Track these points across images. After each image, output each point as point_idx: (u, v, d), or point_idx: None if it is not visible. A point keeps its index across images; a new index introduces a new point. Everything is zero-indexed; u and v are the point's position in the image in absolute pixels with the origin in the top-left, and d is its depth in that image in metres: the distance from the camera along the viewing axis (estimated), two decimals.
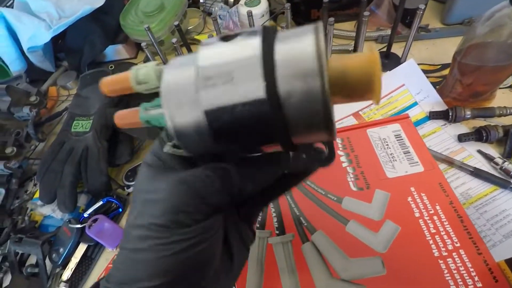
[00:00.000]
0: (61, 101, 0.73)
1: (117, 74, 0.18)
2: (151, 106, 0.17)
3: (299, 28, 0.15)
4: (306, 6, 0.67)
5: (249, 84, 0.14)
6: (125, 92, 0.18)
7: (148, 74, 0.17)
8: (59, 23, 0.61)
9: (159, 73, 0.17)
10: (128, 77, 0.17)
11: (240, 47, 0.15)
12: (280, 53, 0.14)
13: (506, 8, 0.38)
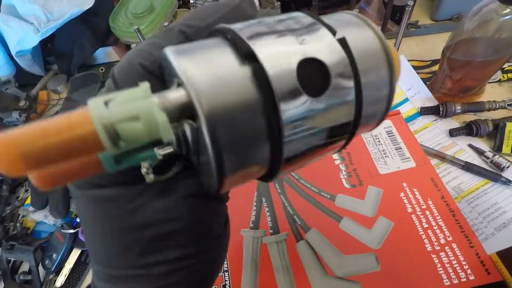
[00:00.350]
0: (51, 105, 0.72)
1: (48, 120, 0.10)
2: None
3: (355, 25, 0.14)
4: (296, 4, 0.67)
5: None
6: (74, 157, 0.10)
7: (141, 108, 0.10)
8: (47, 26, 0.60)
9: (165, 104, 0.11)
10: (90, 130, 0.10)
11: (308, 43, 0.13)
12: (357, 56, 0.13)
13: (492, 3, 0.39)
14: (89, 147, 0.10)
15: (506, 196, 0.42)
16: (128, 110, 0.10)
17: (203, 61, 0.11)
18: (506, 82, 0.53)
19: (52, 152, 0.09)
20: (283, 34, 0.12)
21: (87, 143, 0.10)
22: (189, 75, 0.11)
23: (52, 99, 0.73)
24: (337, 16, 0.14)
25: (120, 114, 0.10)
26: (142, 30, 0.62)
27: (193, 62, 0.11)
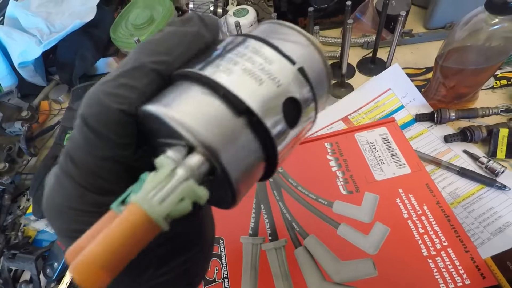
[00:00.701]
0: (53, 115, 0.73)
1: (116, 226, 0.11)
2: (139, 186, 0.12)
3: (294, 40, 0.17)
4: (293, 14, 0.69)
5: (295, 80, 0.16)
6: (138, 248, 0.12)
7: (189, 194, 0.12)
8: (49, 38, 0.62)
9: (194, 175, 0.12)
10: (143, 220, 0.11)
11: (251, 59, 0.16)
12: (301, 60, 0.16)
13: (481, 13, 0.40)
14: (151, 234, 0.12)
15: (501, 201, 0.43)
16: (175, 198, 0.12)
17: (204, 120, 0.12)
18: (499, 89, 0.54)
19: (123, 254, 0.11)
20: (262, 81, 0.14)
21: (150, 234, 0.11)
22: (203, 140, 0.12)
23: (54, 109, 0.74)
24: (286, 36, 0.16)
25: (171, 205, 0.11)
26: (143, 40, 0.64)
27: (197, 123, 0.12)
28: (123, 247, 0.11)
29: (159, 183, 0.12)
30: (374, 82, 0.56)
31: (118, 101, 0.13)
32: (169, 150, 0.13)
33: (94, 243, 0.11)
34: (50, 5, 0.70)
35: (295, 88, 0.15)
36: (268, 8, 0.76)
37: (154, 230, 0.11)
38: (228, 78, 0.13)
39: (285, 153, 0.15)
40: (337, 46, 0.67)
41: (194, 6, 0.75)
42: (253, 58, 0.14)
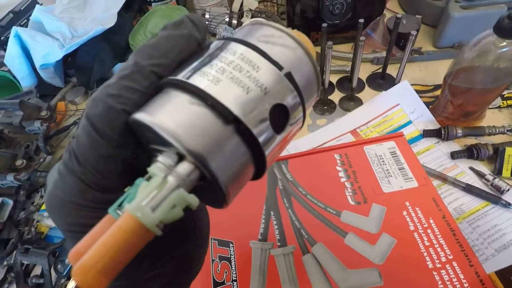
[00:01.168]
0: (69, 115, 0.75)
1: (111, 235, 0.12)
2: (133, 195, 0.13)
3: (283, 44, 0.17)
4: (305, 29, 0.71)
5: (283, 89, 0.16)
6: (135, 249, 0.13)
7: (179, 201, 0.13)
8: (71, 42, 0.64)
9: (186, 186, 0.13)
10: (138, 227, 0.12)
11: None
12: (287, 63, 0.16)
13: (490, 36, 0.42)
14: (145, 240, 0.13)
15: (506, 219, 0.44)
16: (167, 206, 0.12)
17: (192, 129, 0.13)
18: (505, 109, 0.55)
19: (119, 259, 0.12)
20: (249, 89, 0.14)
21: (144, 240, 0.12)
22: (191, 149, 0.13)
23: (70, 110, 0.76)
24: (274, 39, 0.16)
25: (163, 213, 0.12)
26: None
27: (186, 132, 0.13)
28: (118, 253, 0.12)
29: (151, 191, 0.12)
30: (383, 97, 0.58)
31: (121, 101, 0.14)
32: (161, 156, 0.14)
33: (92, 249, 0.12)
34: (73, 11, 0.73)
35: (282, 95, 0.15)
36: (281, 22, 0.79)
37: (148, 236, 0.12)
38: (215, 88, 0.14)
39: (273, 155, 0.16)
40: (347, 60, 0.69)
41: (210, 16, 0.78)
42: (240, 65, 0.15)
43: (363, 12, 0.67)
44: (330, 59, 0.51)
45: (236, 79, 0.14)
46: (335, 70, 0.67)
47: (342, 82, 0.66)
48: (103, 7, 0.72)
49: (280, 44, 0.16)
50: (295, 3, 0.67)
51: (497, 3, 0.59)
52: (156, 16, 0.73)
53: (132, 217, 0.12)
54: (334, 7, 0.66)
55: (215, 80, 0.14)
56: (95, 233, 0.13)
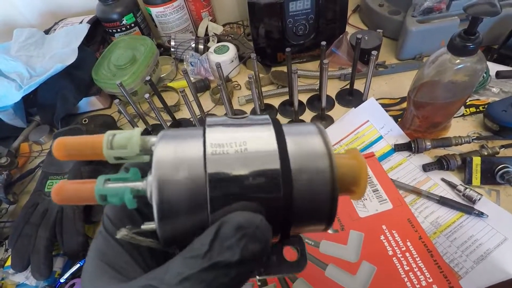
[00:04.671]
0: (33, 157, 0.71)
1: (83, 136, 0.16)
2: (115, 178, 0.16)
3: (303, 126, 0.17)
4: (271, 50, 0.71)
5: (264, 157, 0.15)
6: (88, 158, 0.16)
7: (130, 139, 0.16)
8: (30, 83, 0.62)
9: (143, 142, 0.16)
10: (101, 140, 0.16)
11: (252, 131, 0.16)
12: (292, 148, 0.16)
13: (445, 53, 0.43)
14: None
15: (480, 228, 0.44)
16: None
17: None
18: (469, 116, 0.57)
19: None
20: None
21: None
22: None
23: (34, 151, 0.72)
24: (300, 127, 0.17)
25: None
26: (125, 81, 0.64)
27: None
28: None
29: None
30: (353, 115, 0.58)
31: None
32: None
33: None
34: (31, 48, 0.70)
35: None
36: (248, 43, 0.79)
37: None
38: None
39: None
40: (315, 79, 0.70)
41: (176, 43, 0.77)
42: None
43: (326, 31, 0.68)
44: (296, 83, 0.51)
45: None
46: (304, 89, 0.67)
47: (312, 101, 0.66)
48: (62, 43, 0.69)
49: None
50: (258, 25, 0.67)
51: (450, 16, 0.62)
52: (119, 47, 0.72)
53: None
54: (297, 29, 0.66)
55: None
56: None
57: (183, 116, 0.70)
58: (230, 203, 0.15)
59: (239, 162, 0.15)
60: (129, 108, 0.71)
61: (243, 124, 0.16)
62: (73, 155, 0.16)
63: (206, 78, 0.73)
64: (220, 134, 0.16)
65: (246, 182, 0.15)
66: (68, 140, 0.16)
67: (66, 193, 0.16)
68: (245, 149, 0.15)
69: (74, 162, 0.54)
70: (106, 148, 0.16)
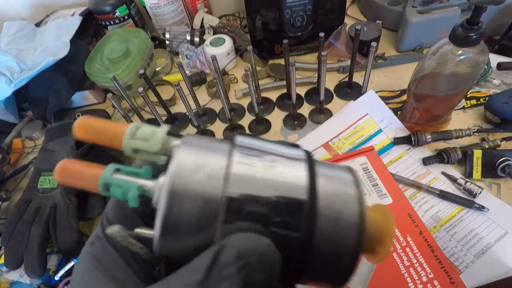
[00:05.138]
0: (26, 153, 0.70)
1: (108, 120, 0.16)
2: (126, 171, 0.15)
3: (337, 167, 0.16)
4: (269, 42, 0.70)
5: (292, 186, 0.14)
6: (104, 143, 0.15)
7: (154, 134, 0.15)
8: (20, 77, 0.60)
9: (166, 141, 0.15)
10: (124, 129, 0.15)
11: (282, 159, 0.15)
12: (323, 184, 0.14)
13: (447, 44, 0.42)
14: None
15: (481, 222, 0.44)
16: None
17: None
18: (469, 109, 0.56)
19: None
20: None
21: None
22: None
23: (27, 147, 0.71)
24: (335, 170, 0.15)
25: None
26: (119, 75, 0.63)
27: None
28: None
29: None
30: (352, 108, 0.57)
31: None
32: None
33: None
34: (21, 41, 0.68)
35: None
36: (245, 35, 0.77)
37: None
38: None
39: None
40: (313, 71, 0.68)
41: (171, 36, 0.76)
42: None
43: (324, 22, 0.66)
44: (294, 76, 0.50)
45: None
46: (302, 82, 0.66)
47: (311, 94, 0.65)
48: (54, 36, 0.68)
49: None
50: (255, 16, 0.65)
51: (451, 6, 0.61)
52: (112, 40, 0.70)
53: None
54: (295, 20, 0.65)
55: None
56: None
57: (179, 111, 0.69)
58: (247, 222, 0.13)
59: (263, 187, 0.14)
60: (123, 102, 0.69)
61: (274, 149, 0.15)
62: (91, 137, 0.15)
63: (202, 71, 0.71)
64: (248, 156, 0.15)
65: (267, 208, 0.13)
66: (92, 121, 0.15)
67: (69, 173, 0.15)
68: (272, 174, 0.14)
69: (67, 158, 0.52)
70: (129, 137, 0.15)
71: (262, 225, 0.13)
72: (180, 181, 0.13)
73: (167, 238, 0.13)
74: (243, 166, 0.14)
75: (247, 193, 0.13)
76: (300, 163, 0.15)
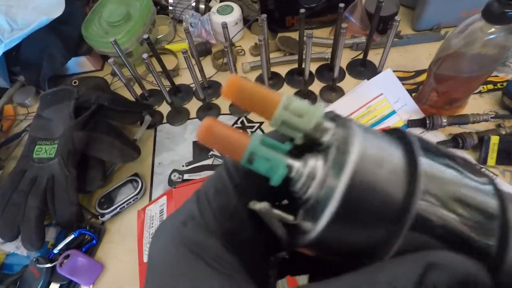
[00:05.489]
0: (19, 120, 0.66)
1: (262, 86, 0.14)
2: (269, 144, 0.14)
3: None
4: (280, 13, 0.66)
5: (484, 202, 0.13)
6: (253, 109, 0.14)
7: (311, 110, 0.13)
8: (11, 37, 0.55)
9: (320, 120, 0.14)
10: (279, 99, 0.14)
11: (470, 176, 0.13)
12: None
13: (478, 21, 0.39)
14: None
15: None
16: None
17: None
18: (486, 93, 0.55)
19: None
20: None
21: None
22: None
23: (20, 114, 0.67)
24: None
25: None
26: (119, 40, 0.58)
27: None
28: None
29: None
30: (366, 87, 0.55)
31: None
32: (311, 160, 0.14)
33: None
34: None
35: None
36: (253, 5, 0.73)
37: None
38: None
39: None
40: (326, 47, 0.65)
41: (175, 2, 0.70)
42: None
43: None
44: (310, 49, 0.47)
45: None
46: (314, 58, 0.63)
47: (322, 71, 0.62)
48: None
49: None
50: None
51: None
52: (111, 2, 0.65)
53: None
54: None
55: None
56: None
57: (182, 82, 0.65)
58: (431, 236, 0.12)
59: (454, 197, 0.12)
60: (123, 70, 0.65)
61: (462, 165, 0.14)
62: (242, 97, 0.14)
63: (208, 41, 0.67)
64: (434, 160, 0.13)
65: (457, 217, 0.12)
66: (246, 82, 0.14)
67: (216, 133, 0.13)
68: (463, 185, 0.13)
69: (65, 127, 0.49)
70: (282, 108, 0.13)
71: (452, 245, 0.12)
72: (363, 172, 0.12)
73: (333, 227, 0.12)
74: (432, 170, 0.12)
75: (438, 201, 0.12)
76: (491, 188, 0.14)
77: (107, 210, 0.49)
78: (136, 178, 0.51)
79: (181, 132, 0.58)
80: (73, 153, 0.47)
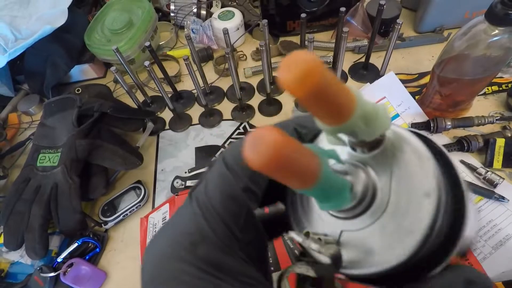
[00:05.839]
0: (23, 128, 0.67)
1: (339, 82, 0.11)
2: (327, 153, 0.14)
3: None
4: (281, 18, 0.66)
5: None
6: (328, 107, 0.11)
7: (380, 111, 0.12)
8: (15, 46, 0.56)
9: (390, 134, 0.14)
10: (355, 101, 0.11)
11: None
12: None
13: (481, 23, 0.39)
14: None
15: (500, 213, 0.43)
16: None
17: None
18: (491, 95, 0.54)
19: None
20: None
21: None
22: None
23: (24, 122, 0.68)
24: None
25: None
26: (121, 47, 0.59)
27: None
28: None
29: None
30: (369, 90, 0.55)
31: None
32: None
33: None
34: (15, 8, 0.63)
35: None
36: (254, 10, 0.73)
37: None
38: None
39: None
40: (327, 50, 0.65)
41: (176, 8, 0.71)
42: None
43: None
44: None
45: None
46: None
47: None
48: (50, 3, 0.62)
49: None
50: None
51: None
52: (114, 9, 0.65)
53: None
54: None
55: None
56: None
57: (184, 88, 0.65)
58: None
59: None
60: (126, 77, 0.66)
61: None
62: (315, 93, 0.10)
63: (209, 47, 0.67)
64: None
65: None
66: (327, 72, 0.10)
67: (283, 150, 0.09)
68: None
69: (68, 135, 0.49)
70: (358, 117, 0.11)
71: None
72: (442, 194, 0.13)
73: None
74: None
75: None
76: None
77: (110, 218, 0.49)
78: (139, 185, 0.51)
79: (184, 138, 0.58)
80: (76, 161, 0.47)
